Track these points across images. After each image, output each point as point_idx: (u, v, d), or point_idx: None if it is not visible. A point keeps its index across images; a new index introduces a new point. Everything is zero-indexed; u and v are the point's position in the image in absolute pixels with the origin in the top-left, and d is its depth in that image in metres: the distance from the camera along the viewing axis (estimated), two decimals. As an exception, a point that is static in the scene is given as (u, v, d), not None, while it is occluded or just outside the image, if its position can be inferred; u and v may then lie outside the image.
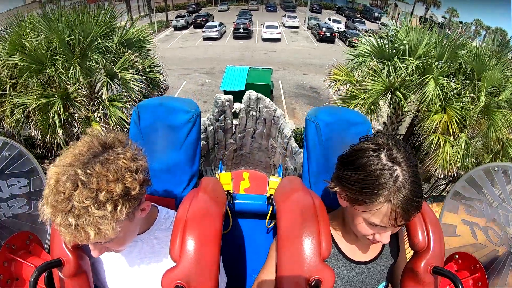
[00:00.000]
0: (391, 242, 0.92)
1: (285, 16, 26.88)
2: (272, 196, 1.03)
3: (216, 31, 21.11)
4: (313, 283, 0.69)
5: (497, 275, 1.04)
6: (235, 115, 6.81)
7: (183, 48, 19.22)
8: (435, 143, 4.49)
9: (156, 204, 0.94)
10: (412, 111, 5.19)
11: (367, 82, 4.63)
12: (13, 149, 1.13)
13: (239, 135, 7.18)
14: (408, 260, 0.87)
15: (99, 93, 4.31)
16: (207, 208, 0.80)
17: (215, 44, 20.18)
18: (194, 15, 26.94)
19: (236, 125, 6.96)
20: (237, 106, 6.73)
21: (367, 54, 4.86)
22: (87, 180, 0.59)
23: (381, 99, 4.74)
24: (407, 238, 0.87)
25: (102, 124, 4.11)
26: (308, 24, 25.41)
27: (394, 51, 4.65)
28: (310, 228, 0.74)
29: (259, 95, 6.62)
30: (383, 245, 0.92)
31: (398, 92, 4.49)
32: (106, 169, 0.61)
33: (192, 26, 24.99)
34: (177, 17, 25.63)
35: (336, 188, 0.78)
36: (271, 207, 1.16)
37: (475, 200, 1.16)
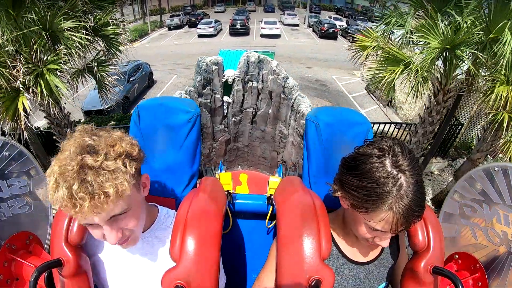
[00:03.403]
0: (391, 243, 0.92)
1: (284, 14, 26.16)
2: (272, 196, 1.03)
3: (212, 27, 20.31)
4: (313, 283, 0.69)
5: (497, 275, 1.04)
6: (227, 88, 4.62)
7: (176, 46, 18.27)
8: (506, 124, 3.43)
9: (156, 204, 0.94)
10: (457, 86, 3.85)
11: (417, 37, 3.41)
12: (13, 149, 1.13)
13: (233, 119, 4.92)
14: (408, 260, 0.87)
15: (32, 56, 3.10)
16: (207, 208, 0.80)
17: (210, 41, 19.34)
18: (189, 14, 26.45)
19: (229, 103, 4.80)
20: (230, 74, 4.60)
21: (411, 2, 3.62)
22: (95, 143, 0.65)
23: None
24: (407, 238, 0.88)
25: (27, 96, 3.06)
26: (308, 22, 24.82)
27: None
28: (310, 228, 0.74)
29: (262, 56, 4.54)
30: None
31: (458, 51, 3.17)
32: (107, 135, 0.69)
33: (187, 25, 24.31)
34: (171, 16, 24.96)
35: (338, 193, 0.78)
36: (271, 207, 1.16)
37: (475, 200, 1.16)
